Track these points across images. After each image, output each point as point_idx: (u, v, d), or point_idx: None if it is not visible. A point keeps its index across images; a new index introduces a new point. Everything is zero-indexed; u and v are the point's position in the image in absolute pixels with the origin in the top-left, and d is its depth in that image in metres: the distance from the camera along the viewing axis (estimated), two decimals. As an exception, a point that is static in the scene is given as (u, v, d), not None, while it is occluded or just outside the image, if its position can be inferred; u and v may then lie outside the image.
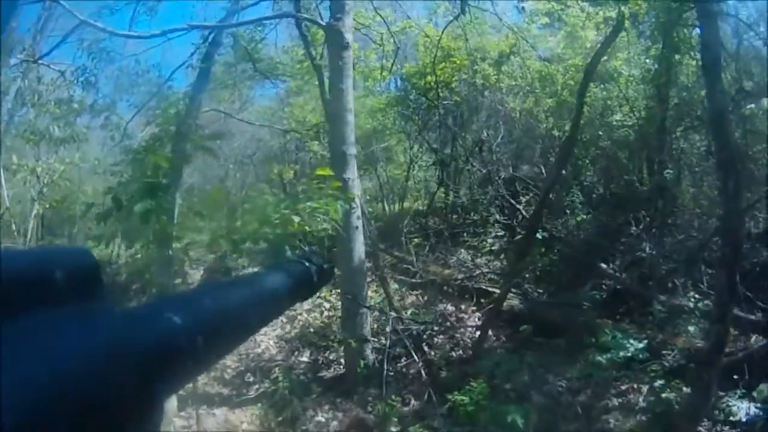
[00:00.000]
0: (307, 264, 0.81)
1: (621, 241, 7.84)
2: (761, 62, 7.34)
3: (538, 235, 7.30)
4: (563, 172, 7.51)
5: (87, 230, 13.85)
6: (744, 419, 4.95)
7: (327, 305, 7.77)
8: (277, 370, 6.77)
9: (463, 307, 7.75)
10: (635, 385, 5.65)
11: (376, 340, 6.76)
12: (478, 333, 6.85)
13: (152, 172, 3.64)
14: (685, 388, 5.20)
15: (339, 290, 7.02)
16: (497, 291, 7.23)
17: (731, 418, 4.98)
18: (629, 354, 5.69)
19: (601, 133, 8.81)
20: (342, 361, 6.97)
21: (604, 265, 7.30)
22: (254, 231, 3.58)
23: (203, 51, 9.90)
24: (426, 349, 6.63)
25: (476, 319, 7.45)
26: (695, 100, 7.84)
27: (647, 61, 8.54)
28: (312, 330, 7.73)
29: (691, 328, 6.05)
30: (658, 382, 5.40)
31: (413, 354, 6.29)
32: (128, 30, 9.80)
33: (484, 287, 7.85)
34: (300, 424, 5.94)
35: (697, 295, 6.40)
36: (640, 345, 5.77)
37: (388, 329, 6.62)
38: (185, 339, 0.45)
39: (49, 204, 10.73)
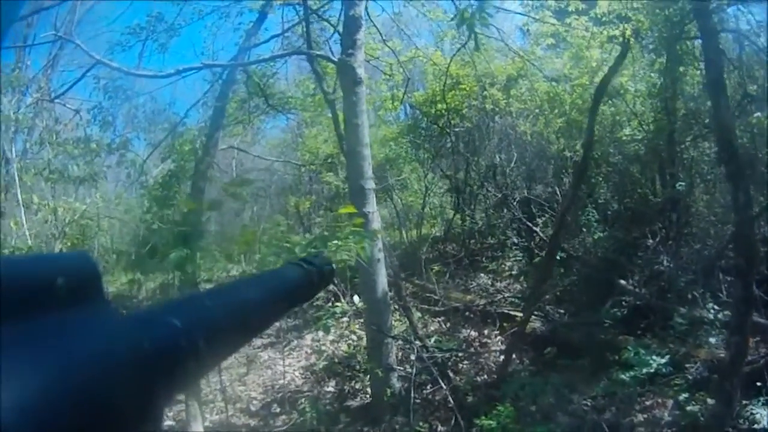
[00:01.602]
0: (306, 266, 0.80)
1: (638, 255, 7.86)
2: (764, 66, 7.37)
3: (557, 256, 7.35)
4: (578, 193, 7.58)
5: (105, 263, 14.06)
6: (768, 426, 4.99)
7: (353, 336, 7.81)
8: (303, 400, 6.75)
9: (486, 332, 7.79)
10: (660, 400, 5.66)
11: (401, 368, 6.80)
12: (502, 357, 6.91)
13: (182, 218, 3.76)
14: (709, 400, 5.23)
15: (363, 321, 7.11)
16: (519, 314, 7.27)
17: (755, 425, 4.99)
18: (653, 370, 5.71)
19: (611, 149, 8.89)
20: (368, 390, 7.01)
21: (623, 282, 7.33)
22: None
23: (217, 89, 10.14)
24: (451, 375, 6.67)
25: (500, 343, 7.49)
26: (702, 110, 7.89)
27: (652, 75, 8.63)
28: (337, 360, 7.77)
29: (712, 340, 6.08)
30: (683, 396, 5.42)
31: (439, 381, 6.32)
32: (138, 66, 10.06)
33: (506, 311, 7.88)
34: (329, 453, 5.95)
35: (716, 306, 6.43)
36: (663, 360, 5.78)
37: (413, 357, 6.66)
38: (186, 341, 0.45)
39: (71, 242, 10.82)
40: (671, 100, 8.06)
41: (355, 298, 5.69)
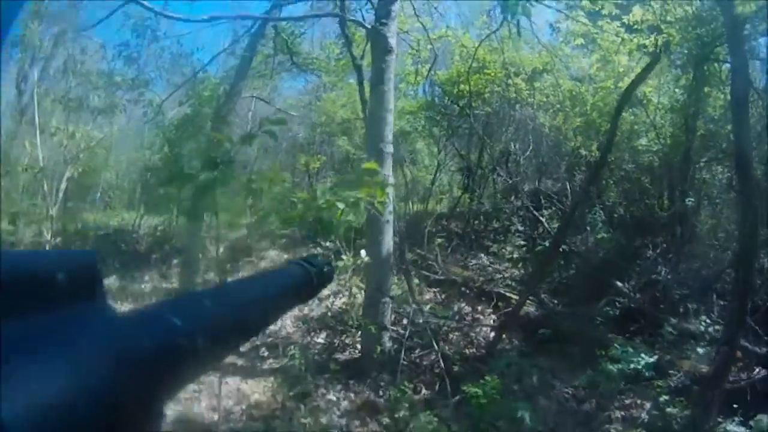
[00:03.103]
0: (306, 266, 0.80)
1: (637, 262, 7.97)
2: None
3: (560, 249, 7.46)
4: (590, 191, 7.66)
5: (107, 198, 14.12)
6: (740, 446, 5.09)
7: (354, 291, 7.84)
8: (293, 347, 6.79)
9: (480, 308, 7.91)
10: (639, 401, 5.80)
11: (394, 329, 6.91)
12: (493, 334, 7.04)
13: (212, 147, 3.83)
14: (686, 410, 5.32)
15: (363, 278, 7.21)
16: (513, 296, 7.43)
17: (729, 441, 5.12)
18: (640, 366, 5.82)
19: (626, 156, 8.96)
20: (358, 346, 7.11)
21: (619, 283, 7.44)
22: (301, 213, 3.80)
23: (245, 40, 10.19)
24: (441, 343, 6.77)
25: (492, 321, 7.62)
26: (721, 134, 7.93)
27: (676, 90, 8.67)
28: (330, 314, 7.85)
29: (699, 350, 6.21)
30: (663, 398, 5.53)
31: (434, 344, 6.42)
32: (164, 8, 10.08)
33: (501, 291, 8.00)
34: (311, 400, 6.02)
35: (707, 320, 6.57)
36: (650, 360, 5.91)
37: (406, 321, 6.79)
38: (186, 341, 0.45)
39: (83, 169, 10.86)
40: (692, 118, 8.06)
41: (362, 252, 5.78)
